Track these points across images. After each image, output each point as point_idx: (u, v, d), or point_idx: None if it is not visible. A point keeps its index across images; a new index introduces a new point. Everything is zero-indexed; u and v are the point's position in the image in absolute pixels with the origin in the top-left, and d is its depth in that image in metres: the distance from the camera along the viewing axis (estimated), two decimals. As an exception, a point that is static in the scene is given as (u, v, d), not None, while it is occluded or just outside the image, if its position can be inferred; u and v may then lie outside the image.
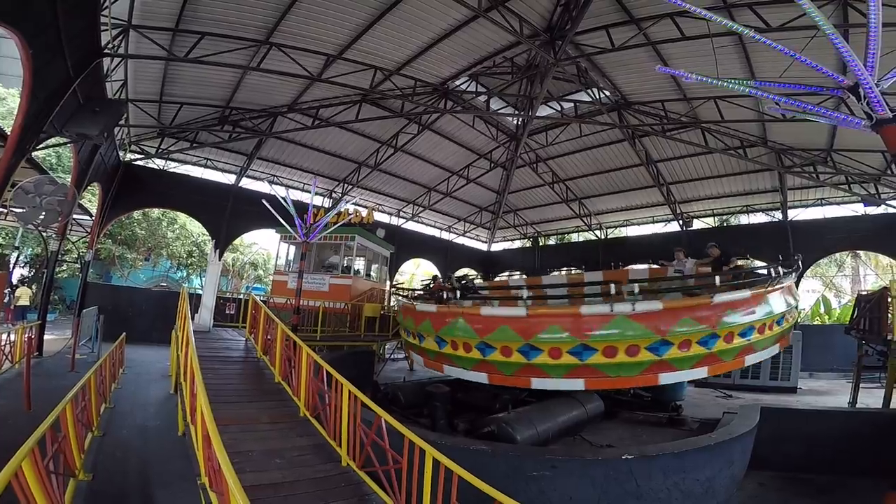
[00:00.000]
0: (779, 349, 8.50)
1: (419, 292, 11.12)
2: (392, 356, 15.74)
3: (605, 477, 5.27)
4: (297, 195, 17.28)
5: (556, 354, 7.04)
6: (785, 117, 12.23)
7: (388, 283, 18.31)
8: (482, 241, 27.13)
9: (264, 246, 33.56)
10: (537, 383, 7.33)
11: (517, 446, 6.32)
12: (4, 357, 9.27)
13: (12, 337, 9.79)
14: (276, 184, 17.62)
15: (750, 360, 7.66)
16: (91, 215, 14.92)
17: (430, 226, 25.07)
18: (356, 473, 4.58)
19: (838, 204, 17.03)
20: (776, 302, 7.78)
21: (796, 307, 9.07)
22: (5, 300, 15.86)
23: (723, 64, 10.28)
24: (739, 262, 10.51)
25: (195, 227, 26.82)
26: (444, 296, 8.92)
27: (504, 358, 7.46)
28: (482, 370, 7.86)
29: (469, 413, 8.90)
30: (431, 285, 12.04)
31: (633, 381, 7.38)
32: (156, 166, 16.17)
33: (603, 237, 23.62)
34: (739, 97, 12.55)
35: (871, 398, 9.66)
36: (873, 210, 15.49)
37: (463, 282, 11.74)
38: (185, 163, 16.91)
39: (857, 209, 16.25)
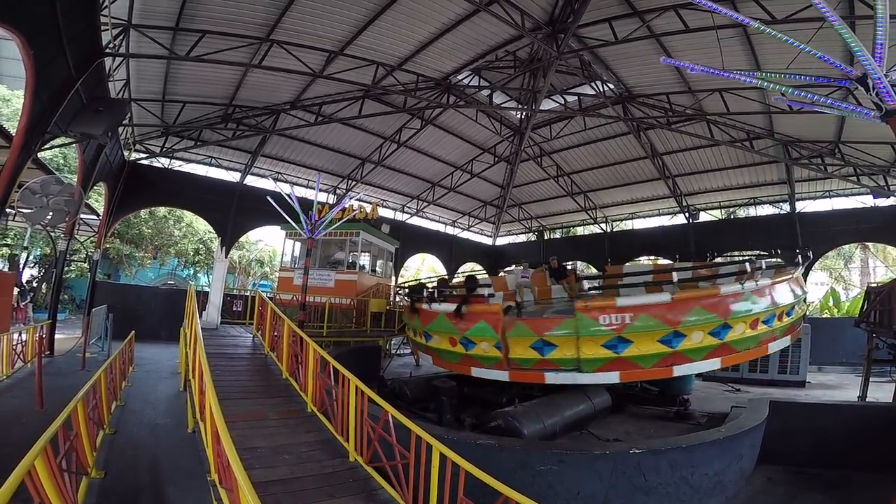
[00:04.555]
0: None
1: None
2: (398, 351, 15.77)
3: (613, 471, 5.26)
4: (301, 192, 17.29)
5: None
6: (792, 109, 12.13)
7: (393, 278, 18.35)
8: (487, 236, 27.11)
9: (270, 243, 33.75)
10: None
11: (524, 440, 6.32)
12: (17, 356, 9.39)
13: (24, 337, 9.90)
14: (281, 181, 17.65)
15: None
16: (98, 215, 15.02)
17: (435, 221, 25.08)
18: (364, 468, 4.61)
19: (847, 196, 16.86)
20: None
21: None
22: (14, 301, 16.03)
23: (727, 56, 10.17)
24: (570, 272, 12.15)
25: (201, 225, 26.98)
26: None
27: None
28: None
29: (475, 407, 8.90)
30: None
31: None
32: (161, 165, 16.25)
33: (609, 230, 23.53)
34: (745, 89, 12.42)
35: (881, 392, 9.57)
36: (882, 202, 15.32)
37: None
38: (190, 161, 16.98)
39: (866, 201, 16.10)
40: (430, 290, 9.20)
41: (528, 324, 7.66)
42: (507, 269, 15.97)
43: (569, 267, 14.18)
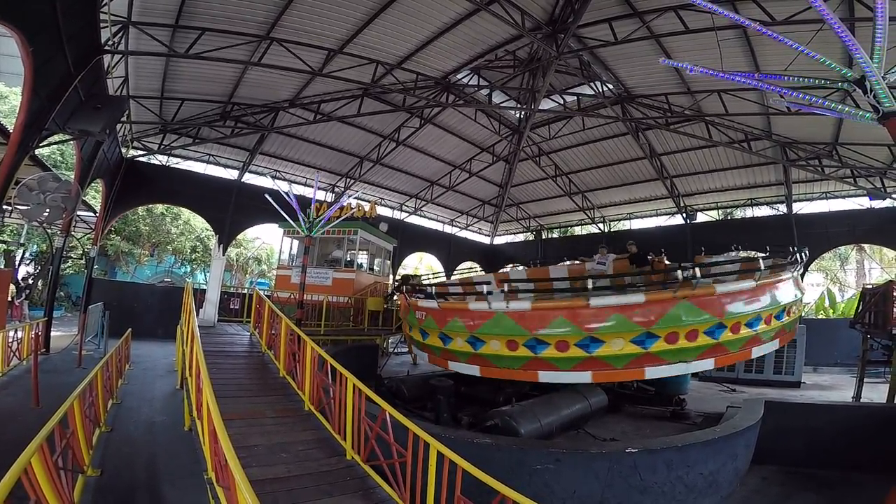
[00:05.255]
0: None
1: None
2: (395, 350, 15.77)
3: (609, 470, 5.28)
4: (299, 190, 17.30)
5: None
6: (790, 111, 12.15)
7: (391, 276, 18.35)
8: (485, 235, 27.13)
9: (268, 241, 33.70)
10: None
11: (521, 439, 6.33)
12: (12, 354, 9.35)
13: (20, 334, 9.86)
14: (279, 179, 17.65)
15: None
16: (95, 212, 14.98)
17: (433, 220, 25.09)
18: (361, 467, 4.61)
19: (843, 197, 16.93)
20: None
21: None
22: (10, 298, 15.97)
23: (727, 57, 10.20)
24: (656, 259, 11.74)
25: (199, 223, 26.89)
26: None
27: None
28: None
29: (472, 406, 8.91)
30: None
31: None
32: (158, 162, 16.20)
33: (607, 230, 23.57)
34: (743, 90, 12.46)
35: (875, 393, 9.62)
36: (878, 204, 15.39)
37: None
38: (188, 158, 16.95)
39: (863, 203, 16.16)
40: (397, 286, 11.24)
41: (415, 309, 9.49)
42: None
43: (653, 255, 12.04)
